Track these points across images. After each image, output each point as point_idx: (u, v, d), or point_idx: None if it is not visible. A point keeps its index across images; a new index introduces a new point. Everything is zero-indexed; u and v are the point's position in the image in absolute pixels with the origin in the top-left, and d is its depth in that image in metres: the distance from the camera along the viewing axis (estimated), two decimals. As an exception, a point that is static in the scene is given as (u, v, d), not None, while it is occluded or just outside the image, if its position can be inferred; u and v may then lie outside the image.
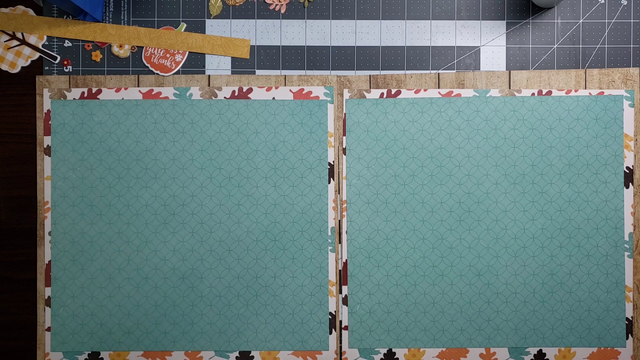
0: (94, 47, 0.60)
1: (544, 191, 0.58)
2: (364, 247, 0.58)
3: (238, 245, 0.59)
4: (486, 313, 0.58)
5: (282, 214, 0.59)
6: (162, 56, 0.59)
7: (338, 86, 0.59)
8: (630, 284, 0.58)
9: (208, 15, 0.60)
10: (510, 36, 0.59)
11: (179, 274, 0.58)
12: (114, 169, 0.59)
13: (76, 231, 0.58)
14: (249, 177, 0.59)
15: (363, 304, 0.58)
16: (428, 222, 0.58)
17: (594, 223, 0.58)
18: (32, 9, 0.59)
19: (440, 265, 0.58)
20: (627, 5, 0.59)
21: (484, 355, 0.58)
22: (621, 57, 0.59)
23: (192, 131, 0.59)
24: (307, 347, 0.58)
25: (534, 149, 0.58)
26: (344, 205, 0.59)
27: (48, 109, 0.59)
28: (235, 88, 0.59)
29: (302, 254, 0.58)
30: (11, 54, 0.59)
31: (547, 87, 0.59)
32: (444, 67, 0.59)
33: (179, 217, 0.58)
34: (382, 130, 0.58)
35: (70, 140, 0.59)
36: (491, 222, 0.58)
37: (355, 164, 0.59)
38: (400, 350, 0.58)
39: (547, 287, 0.58)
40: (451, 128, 0.58)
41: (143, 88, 0.59)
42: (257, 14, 0.60)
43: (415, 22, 0.60)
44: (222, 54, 0.59)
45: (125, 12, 0.60)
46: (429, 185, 0.58)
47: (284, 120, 0.59)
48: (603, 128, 0.58)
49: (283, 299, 0.58)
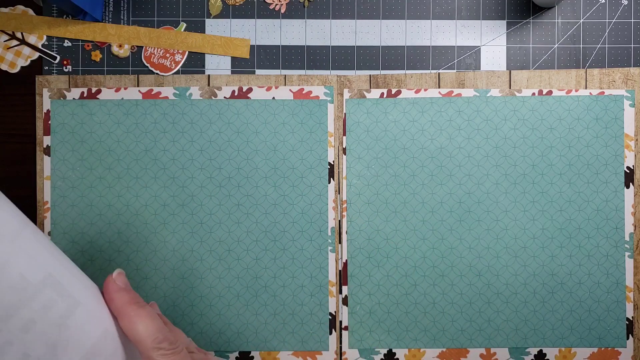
0: (94, 47, 0.60)
1: (545, 191, 0.58)
2: (364, 247, 0.58)
3: (238, 246, 0.58)
4: (486, 313, 0.58)
5: (282, 214, 0.58)
6: (161, 56, 0.59)
7: (338, 86, 0.59)
8: (630, 284, 0.58)
9: (208, 15, 0.60)
10: (511, 36, 0.59)
11: (178, 274, 0.58)
12: (114, 169, 0.59)
13: (76, 231, 0.58)
14: (249, 177, 0.59)
15: (363, 304, 0.58)
16: (428, 222, 0.58)
17: (594, 223, 0.58)
18: (32, 9, 0.59)
19: (441, 266, 0.58)
20: (627, 5, 0.59)
21: (484, 355, 0.58)
22: (622, 57, 0.59)
23: (192, 131, 0.59)
24: (307, 347, 0.58)
25: (534, 149, 0.58)
26: (344, 205, 0.58)
27: (48, 109, 0.59)
28: (235, 88, 0.59)
29: (302, 254, 0.58)
30: (11, 53, 0.59)
31: (547, 87, 0.58)
32: (444, 67, 0.59)
33: (179, 217, 0.58)
34: (382, 130, 0.58)
35: (70, 140, 0.58)
36: (491, 222, 0.58)
37: (355, 164, 0.58)
38: (400, 350, 0.58)
39: (548, 287, 0.58)
40: (451, 128, 0.58)
41: (143, 88, 0.59)
42: (257, 14, 0.60)
43: (416, 22, 0.59)
44: (222, 54, 0.59)
45: (125, 12, 0.59)
46: (429, 185, 0.58)
47: (284, 120, 0.59)
48: (603, 128, 0.58)
49: (283, 299, 0.58)
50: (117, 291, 0.35)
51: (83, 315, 0.33)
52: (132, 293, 0.36)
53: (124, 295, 0.35)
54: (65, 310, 0.32)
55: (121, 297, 0.35)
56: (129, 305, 0.35)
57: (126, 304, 0.35)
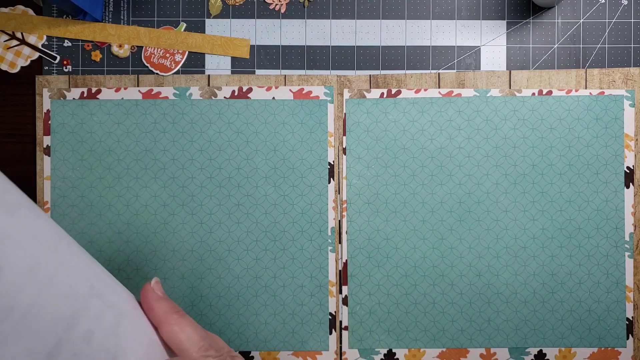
0: (94, 47, 0.60)
1: (545, 191, 0.58)
2: (364, 247, 0.58)
3: (238, 246, 0.58)
4: (486, 313, 0.58)
5: (282, 214, 0.58)
6: (161, 56, 0.59)
7: (338, 86, 0.59)
8: (630, 284, 0.58)
9: (208, 15, 0.60)
10: (511, 36, 0.59)
11: (178, 274, 0.58)
12: (114, 169, 0.59)
13: (76, 231, 0.58)
14: (249, 177, 0.59)
15: (363, 304, 0.58)
16: (428, 222, 0.58)
17: (594, 223, 0.58)
18: (32, 9, 0.59)
19: (441, 266, 0.58)
20: (627, 5, 0.59)
21: (484, 355, 0.58)
22: (622, 57, 0.59)
23: (192, 131, 0.59)
24: (307, 347, 0.58)
25: (534, 149, 0.58)
26: (344, 205, 0.58)
27: (47, 109, 0.59)
28: (235, 88, 0.59)
29: (302, 254, 0.58)
30: (11, 53, 0.59)
31: (547, 87, 0.58)
32: (444, 67, 0.59)
33: (179, 217, 0.58)
34: (382, 130, 0.58)
35: (70, 140, 0.58)
36: (491, 222, 0.58)
37: (355, 164, 0.58)
38: (400, 350, 0.58)
39: (548, 287, 0.58)
40: (451, 128, 0.58)
41: (143, 88, 0.59)
42: (257, 14, 0.60)
43: (416, 22, 0.59)
44: (222, 54, 0.59)
45: (125, 12, 0.59)
46: (429, 185, 0.58)
47: (284, 120, 0.59)
48: (603, 128, 0.58)
49: (283, 299, 0.58)
50: (157, 300, 0.34)
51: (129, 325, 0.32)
52: (171, 302, 0.35)
53: (165, 305, 0.34)
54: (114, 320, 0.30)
55: (161, 306, 0.34)
56: (170, 315, 0.34)
57: (167, 313, 0.34)
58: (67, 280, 0.28)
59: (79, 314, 0.28)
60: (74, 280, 0.28)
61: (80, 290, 0.29)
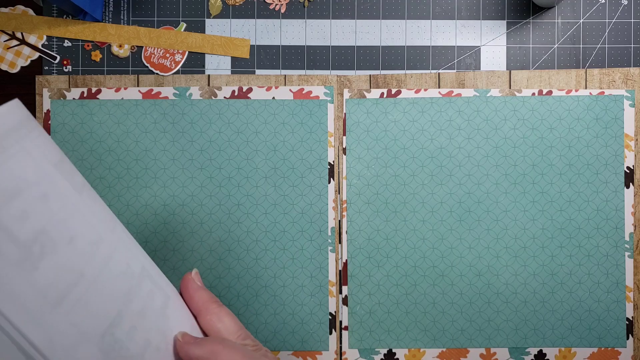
0: (94, 47, 0.60)
1: (545, 191, 0.58)
2: (364, 247, 0.58)
3: (238, 246, 0.58)
4: (486, 313, 0.58)
5: (282, 214, 0.58)
6: (161, 56, 0.59)
7: (338, 86, 0.59)
8: (630, 284, 0.58)
9: (208, 15, 0.60)
10: (511, 36, 0.59)
11: (178, 273, 0.58)
12: (114, 169, 0.59)
13: (76, 231, 0.58)
14: (249, 177, 0.59)
15: (363, 304, 0.58)
16: (428, 222, 0.58)
17: (594, 223, 0.58)
18: (32, 9, 0.59)
19: (441, 266, 0.58)
20: (627, 5, 0.59)
21: (484, 355, 0.58)
22: (622, 57, 0.59)
23: (192, 131, 0.59)
24: (307, 347, 0.58)
25: (534, 149, 0.58)
26: (344, 205, 0.58)
27: (48, 109, 0.59)
28: (235, 88, 0.59)
29: (302, 254, 0.58)
30: (11, 53, 0.59)
31: (547, 87, 0.58)
32: (444, 67, 0.59)
33: (179, 217, 0.58)
34: (382, 130, 0.58)
35: (70, 140, 0.58)
36: (491, 222, 0.58)
37: (355, 164, 0.58)
38: (400, 350, 0.58)
39: (548, 287, 0.58)
40: (451, 128, 0.58)
41: (143, 88, 0.59)
42: (257, 14, 0.60)
43: (416, 22, 0.59)
44: (222, 54, 0.59)
45: (125, 12, 0.59)
46: (429, 185, 0.58)
47: (284, 120, 0.59)
48: (603, 128, 0.58)
49: (283, 299, 0.58)
50: (197, 290, 0.35)
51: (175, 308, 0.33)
52: (209, 292, 0.36)
53: (204, 294, 0.35)
54: (162, 302, 0.32)
55: (201, 295, 0.35)
56: (210, 304, 0.35)
57: (207, 302, 0.35)
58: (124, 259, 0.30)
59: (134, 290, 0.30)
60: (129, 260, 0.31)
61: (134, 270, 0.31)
